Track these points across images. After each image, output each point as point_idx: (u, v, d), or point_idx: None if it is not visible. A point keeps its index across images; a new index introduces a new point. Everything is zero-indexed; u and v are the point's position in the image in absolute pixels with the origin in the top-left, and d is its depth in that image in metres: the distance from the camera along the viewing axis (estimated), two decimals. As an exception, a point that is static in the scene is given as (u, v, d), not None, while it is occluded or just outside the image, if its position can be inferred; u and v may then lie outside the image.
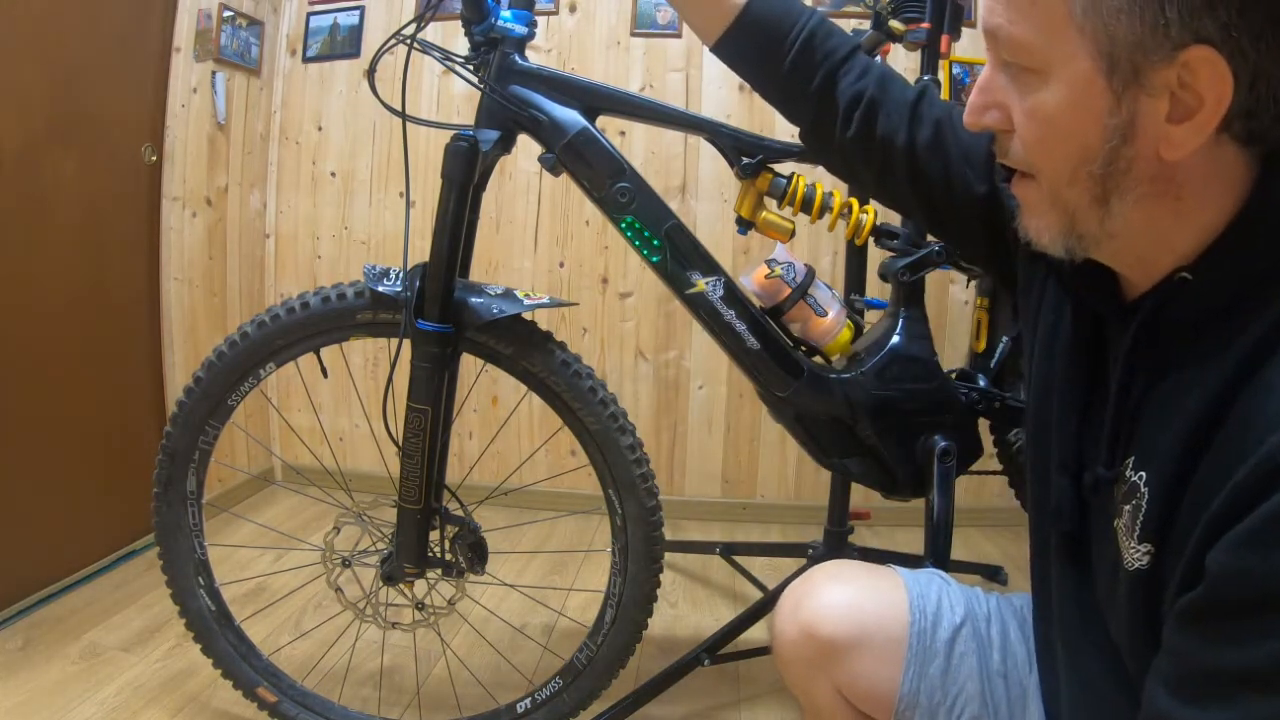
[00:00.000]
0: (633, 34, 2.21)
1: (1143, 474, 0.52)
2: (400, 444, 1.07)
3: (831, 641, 0.73)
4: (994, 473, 1.46)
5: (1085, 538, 0.62)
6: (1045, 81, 0.50)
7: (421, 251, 1.06)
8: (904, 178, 0.83)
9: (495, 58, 1.03)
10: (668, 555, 1.26)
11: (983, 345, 1.33)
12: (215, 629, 1.20)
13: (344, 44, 2.29)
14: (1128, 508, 0.53)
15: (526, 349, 1.09)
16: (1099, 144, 0.49)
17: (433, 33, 2.17)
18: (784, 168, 1.09)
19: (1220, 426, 0.47)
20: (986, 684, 0.73)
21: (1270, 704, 0.42)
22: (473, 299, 1.06)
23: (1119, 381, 0.56)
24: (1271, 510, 0.41)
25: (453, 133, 1.03)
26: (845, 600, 0.74)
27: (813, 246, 2.17)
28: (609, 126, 1.08)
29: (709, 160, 2.17)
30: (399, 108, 1.01)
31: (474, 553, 1.13)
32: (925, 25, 1.25)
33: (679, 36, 2.19)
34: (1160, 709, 0.47)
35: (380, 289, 1.05)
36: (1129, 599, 0.54)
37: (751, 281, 1.12)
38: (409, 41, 1.02)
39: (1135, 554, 0.52)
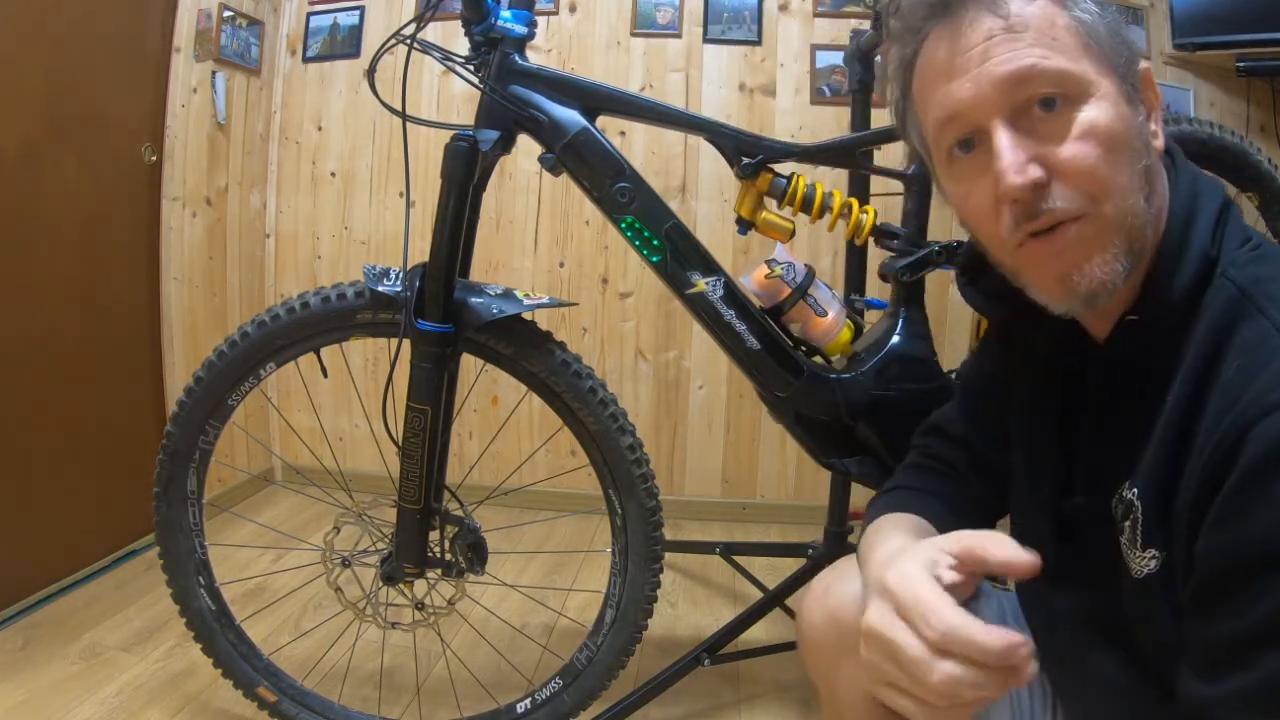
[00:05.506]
0: (633, 34, 2.20)
1: (1135, 489, 0.57)
2: (400, 444, 1.07)
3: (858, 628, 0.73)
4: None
5: (1084, 558, 0.64)
6: (1090, 100, 0.55)
7: (421, 251, 1.06)
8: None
9: (495, 58, 1.04)
10: (668, 555, 1.26)
11: (983, 345, 1.33)
12: (215, 629, 1.20)
13: (344, 44, 2.29)
14: (1127, 523, 0.58)
15: (526, 349, 1.09)
16: (1141, 145, 0.56)
17: (433, 33, 2.16)
18: (784, 168, 1.09)
19: (1190, 429, 0.52)
20: None
21: None
22: (473, 299, 1.06)
23: (1096, 416, 0.63)
24: (1234, 488, 0.47)
25: (453, 133, 1.03)
26: None
27: (813, 246, 2.17)
28: (609, 126, 1.08)
29: (709, 160, 2.17)
30: (399, 108, 1.01)
31: (474, 553, 1.12)
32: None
33: (679, 36, 2.19)
34: (1189, 693, 0.50)
35: (380, 289, 1.05)
36: (1149, 605, 0.56)
37: (751, 281, 1.12)
38: (409, 41, 1.02)
39: (1142, 561, 0.56)
